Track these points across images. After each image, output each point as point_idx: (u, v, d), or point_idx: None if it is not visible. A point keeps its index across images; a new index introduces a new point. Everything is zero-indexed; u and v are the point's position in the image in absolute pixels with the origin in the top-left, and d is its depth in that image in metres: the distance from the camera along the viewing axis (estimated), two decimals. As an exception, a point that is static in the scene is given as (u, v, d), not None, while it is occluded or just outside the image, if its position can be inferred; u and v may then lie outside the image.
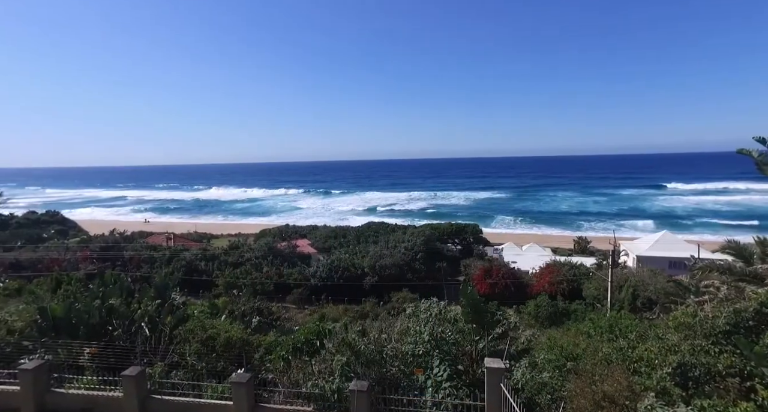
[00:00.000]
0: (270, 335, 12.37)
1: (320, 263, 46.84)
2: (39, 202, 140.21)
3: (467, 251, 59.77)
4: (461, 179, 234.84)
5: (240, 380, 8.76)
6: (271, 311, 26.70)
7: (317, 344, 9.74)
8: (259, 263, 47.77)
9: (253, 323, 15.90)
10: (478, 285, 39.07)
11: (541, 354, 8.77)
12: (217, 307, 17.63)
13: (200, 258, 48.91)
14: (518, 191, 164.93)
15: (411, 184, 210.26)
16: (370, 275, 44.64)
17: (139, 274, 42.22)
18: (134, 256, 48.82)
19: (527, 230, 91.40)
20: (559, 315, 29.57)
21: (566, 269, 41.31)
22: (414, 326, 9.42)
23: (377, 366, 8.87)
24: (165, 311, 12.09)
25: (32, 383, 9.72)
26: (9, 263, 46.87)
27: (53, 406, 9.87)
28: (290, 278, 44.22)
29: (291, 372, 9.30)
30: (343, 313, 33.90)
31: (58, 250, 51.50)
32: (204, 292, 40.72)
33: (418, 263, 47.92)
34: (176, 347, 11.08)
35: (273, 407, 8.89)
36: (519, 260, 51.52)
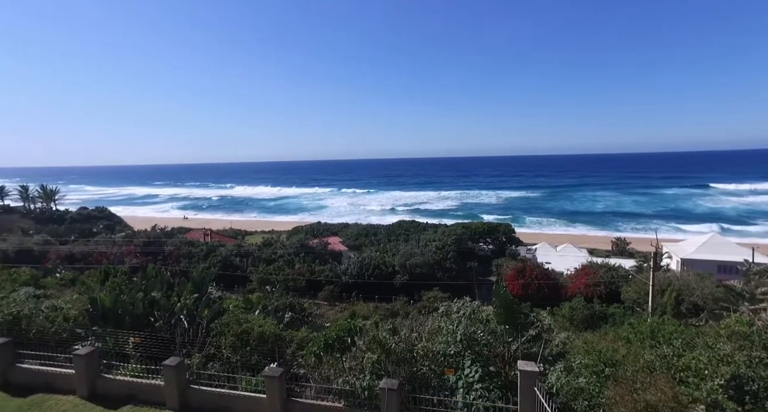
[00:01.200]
0: (302, 331, 12.57)
1: (351, 261, 47.23)
2: (82, 200, 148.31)
3: (499, 251, 58.70)
4: (493, 178, 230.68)
5: (273, 374, 8.96)
6: (303, 307, 27.14)
7: (348, 341, 9.81)
8: (292, 260, 48.71)
9: (285, 318, 16.21)
10: (510, 285, 38.29)
11: (578, 358, 8.45)
12: (251, 302, 18.14)
13: (235, 254, 50.40)
14: (553, 190, 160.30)
15: (441, 183, 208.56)
16: (401, 273, 44.61)
17: (178, 268, 44.01)
18: (174, 251, 50.90)
19: (562, 230, 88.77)
20: (596, 319, 28.52)
21: (603, 270, 39.78)
22: (446, 326, 9.33)
23: (408, 365, 8.84)
24: (202, 304, 12.53)
25: (85, 367, 10.34)
26: (65, 255, 50.02)
27: (103, 390, 10.46)
28: (322, 274, 44.83)
29: (322, 368, 9.42)
30: (373, 311, 34.05)
31: (106, 244, 54.44)
32: (239, 287, 41.94)
33: (449, 262, 47.45)
34: (213, 339, 11.45)
35: (305, 401, 9.04)
36: (553, 261, 50.09)
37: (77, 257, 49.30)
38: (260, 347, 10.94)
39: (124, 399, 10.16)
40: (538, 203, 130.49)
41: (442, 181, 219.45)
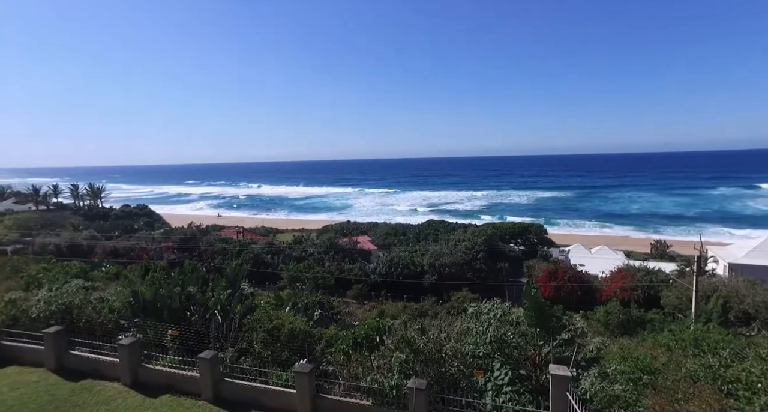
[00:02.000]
0: (331, 329, 12.74)
1: (380, 260, 47.39)
2: (122, 198, 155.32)
3: (531, 252, 57.43)
4: (525, 178, 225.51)
5: (302, 370, 9.13)
6: (332, 305, 27.49)
7: (377, 339, 9.86)
8: (321, 258, 49.36)
9: (315, 316, 16.45)
10: (542, 287, 37.37)
11: (613, 364, 8.15)
12: (281, 299, 18.51)
13: (267, 251, 51.60)
14: (587, 191, 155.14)
15: (471, 183, 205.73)
16: (430, 273, 44.39)
17: (213, 264, 45.51)
18: (208, 248, 52.66)
19: (596, 232, 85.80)
20: (633, 324, 27.40)
21: (641, 274, 38.15)
22: (475, 327, 9.22)
23: (436, 365, 8.80)
24: (235, 300, 12.91)
25: (128, 357, 10.90)
26: (110, 250, 52.77)
27: (144, 379, 10.99)
28: (351, 273, 45.21)
29: (351, 366, 9.51)
30: (402, 310, 34.05)
31: (146, 240, 56.99)
32: (270, 284, 42.92)
33: (479, 263, 46.80)
34: (245, 334, 11.78)
35: (333, 398, 9.16)
36: (587, 263, 48.49)
37: (121, 252, 51.87)
38: (290, 343, 11.15)
39: (163, 388, 10.63)
40: (571, 204, 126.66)
41: (472, 181, 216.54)
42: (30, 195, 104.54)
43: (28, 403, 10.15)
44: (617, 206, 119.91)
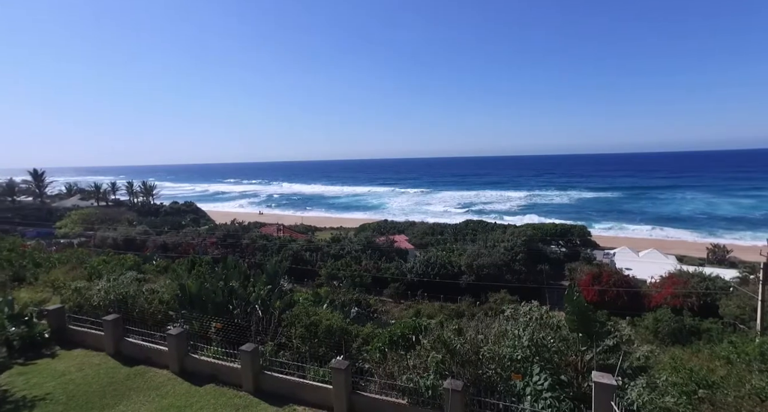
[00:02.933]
0: (367, 327, 12.81)
1: (417, 259, 47.27)
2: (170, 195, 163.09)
3: (573, 254, 55.34)
4: (568, 178, 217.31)
5: (339, 367, 9.26)
6: (368, 303, 27.67)
7: (413, 339, 9.84)
8: (359, 256, 49.85)
9: (351, 313, 16.62)
10: (584, 291, 35.91)
11: (663, 375, 7.68)
12: (319, 295, 18.83)
13: (306, 249, 52.73)
14: (636, 191, 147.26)
15: (511, 183, 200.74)
16: (467, 273, 43.78)
17: (254, 260, 47.04)
18: (250, 244, 54.51)
19: (645, 234, 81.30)
20: (686, 333, 25.76)
21: (696, 280, 35.77)
22: (513, 329, 9.00)
23: (473, 367, 8.67)
24: (275, 295, 13.28)
25: (176, 346, 11.51)
26: (160, 244, 55.84)
27: (191, 368, 11.56)
28: (387, 272, 45.38)
29: (386, 364, 9.55)
30: (438, 310, 33.81)
31: (192, 235, 59.80)
32: (308, 281, 43.85)
33: (518, 264, 45.63)
34: (284, 329, 12.09)
35: (369, 395, 9.23)
36: (634, 267, 46.10)
37: (170, 246, 54.75)
38: (327, 339, 11.34)
39: (207, 378, 11.13)
40: (617, 205, 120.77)
41: (511, 181, 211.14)
42: (92, 192, 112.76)
43: (91, 383, 11.06)
44: (669, 207, 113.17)
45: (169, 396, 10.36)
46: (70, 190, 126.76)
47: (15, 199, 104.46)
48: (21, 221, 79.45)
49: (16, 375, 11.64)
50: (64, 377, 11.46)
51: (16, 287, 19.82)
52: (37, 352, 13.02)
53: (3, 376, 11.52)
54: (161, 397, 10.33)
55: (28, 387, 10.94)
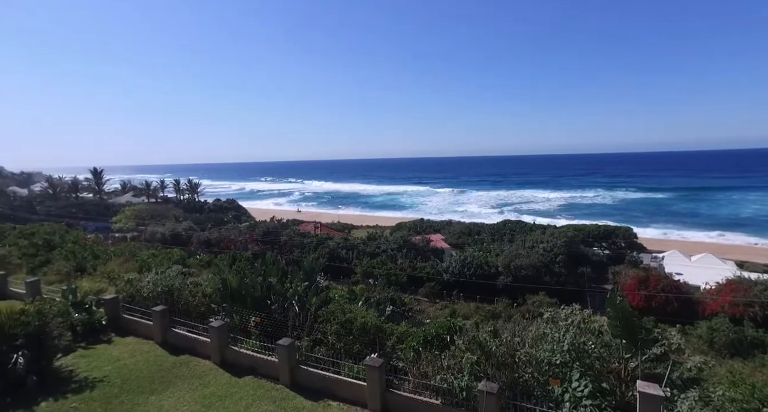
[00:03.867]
0: (402, 325, 12.82)
1: (453, 259, 46.79)
2: (212, 193, 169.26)
3: (617, 257, 52.89)
4: (612, 178, 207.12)
5: (373, 364, 9.33)
6: (403, 301, 27.68)
7: (447, 339, 9.76)
8: (394, 255, 49.95)
9: (386, 311, 16.69)
10: (629, 296, 34.23)
11: (719, 389, 7.17)
12: (354, 293, 19.08)
13: (342, 247, 53.41)
14: (689, 192, 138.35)
15: (551, 182, 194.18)
16: (504, 274, 42.87)
17: (291, 257, 48.18)
18: (288, 241, 55.89)
19: (699, 238, 76.28)
20: (747, 345, 23.88)
21: (759, 288, 33.14)
22: (551, 333, 8.73)
23: (508, 370, 8.49)
24: (311, 292, 13.56)
25: (217, 338, 12.01)
26: (203, 240, 58.39)
27: (231, 359, 12.03)
28: (423, 271, 45.20)
29: (420, 363, 9.52)
30: (474, 311, 33.30)
31: (233, 232, 62.05)
32: (344, 278, 44.41)
33: (558, 266, 44.15)
34: (319, 325, 12.32)
35: (402, 394, 9.24)
36: (686, 272, 43.43)
37: (212, 242, 57.07)
38: (362, 336, 11.45)
39: (246, 370, 11.54)
40: (666, 206, 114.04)
41: (551, 181, 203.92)
42: (143, 189, 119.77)
43: (142, 369, 11.81)
44: (726, 209, 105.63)
45: (211, 385, 10.83)
46: (125, 187, 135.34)
47: (78, 196, 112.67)
48: (83, 215, 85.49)
49: (79, 357, 12.61)
50: (119, 362, 12.28)
51: (78, 276, 21.41)
52: (96, 337, 14.03)
53: (69, 357, 12.52)
54: (204, 386, 10.82)
55: (89, 369, 11.82)
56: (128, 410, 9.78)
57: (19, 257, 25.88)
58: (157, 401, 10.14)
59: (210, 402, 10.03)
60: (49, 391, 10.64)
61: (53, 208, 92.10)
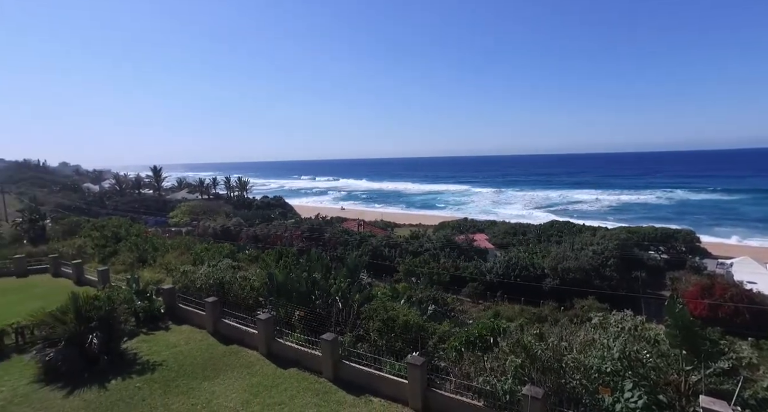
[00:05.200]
0: (444, 325, 12.74)
1: (497, 259, 45.74)
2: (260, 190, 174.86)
3: (677, 262, 49.37)
4: (671, 178, 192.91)
5: (415, 362, 9.34)
6: (446, 301, 27.37)
7: (491, 340, 9.59)
8: (437, 254, 49.53)
9: (428, 310, 16.61)
10: (690, 304, 31.87)
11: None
12: (397, 291, 19.12)
13: (385, 245, 53.63)
14: (763, 194, 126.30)
15: (602, 182, 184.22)
16: (551, 277, 41.34)
17: (335, 254, 49.03)
18: (332, 238, 56.89)
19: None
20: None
21: None
22: (601, 339, 8.34)
23: (554, 375, 8.21)
24: (354, 289, 13.77)
25: (264, 330, 12.50)
26: (252, 235, 60.79)
27: (276, 351, 12.47)
28: (466, 271, 44.53)
29: (463, 364, 9.42)
30: (518, 313, 32.38)
31: (280, 228, 64.05)
32: (386, 276, 44.60)
33: (609, 270, 41.94)
34: (362, 322, 12.49)
35: (444, 393, 9.18)
36: (760, 281, 39.77)
37: (260, 237, 59.26)
38: (404, 334, 11.48)
39: (291, 362, 11.93)
40: (733, 208, 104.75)
41: (603, 181, 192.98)
42: (197, 186, 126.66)
43: (196, 356, 12.57)
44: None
45: (258, 375, 11.30)
46: (180, 184, 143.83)
47: (140, 192, 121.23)
48: (144, 210, 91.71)
49: (141, 342, 13.64)
50: (176, 348, 13.12)
51: (140, 267, 23.03)
52: (156, 324, 15.07)
53: (133, 341, 13.58)
54: (251, 375, 11.31)
55: (150, 353, 12.76)
56: (184, 393, 10.42)
57: (92, 247, 28.27)
58: (210, 386, 10.72)
59: (257, 391, 10.47)
60: (118, 370, 11.61)
61: (119, 203, 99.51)
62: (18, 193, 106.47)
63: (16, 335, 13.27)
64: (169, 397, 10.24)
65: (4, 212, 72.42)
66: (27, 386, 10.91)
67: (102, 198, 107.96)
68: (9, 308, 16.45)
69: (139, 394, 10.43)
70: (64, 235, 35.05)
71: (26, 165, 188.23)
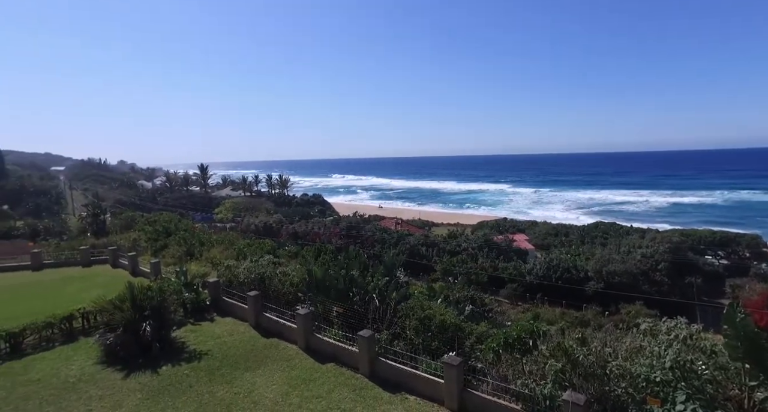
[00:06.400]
0: (482, 326, 12.55)
1: (538, 261, 44.49)
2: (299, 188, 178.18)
3: (739, 268, 45.99)
4: (732, 178, 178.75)
5: (451, 362, 9.27)
6: (483, 302, 26.92)
7: (529, 343, 9.35)
8: (475, 254, 48.87)
9: (465, 310, 16.43)
10: (756, 314, 29.52)
11: None
12: (434, 290, 19.02)
13: (422, 243, 53.50)
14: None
15: (653, 183, 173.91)
16: (595, 280, 39.71)
17: (373, 252, 49.39)
18: (369, 236, 57.40)
19: None
20: None
21: None
22: (649, 347, 7.93)
23: (598, 382, 7.90)
24: (391, 287, 13.84)
25: (303, 325, 12.82)
26: (291, 232, 62.43)
27: (314, 346, 12.77)
28: (505, 272, 43.63)
29: (500, 366, 9.26)
30: (559, 316, 31.37)
31: (319, 225, 65.36)
32: (423, 275, 44.47)
33: (660, 275, 39.74)
34: (398, 320, 12.54)
35: (480, 395, 9.06)
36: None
37: (299, 234, 60.71)
38: (440, 334, 11.42)
39: (329, 357, 12.17)
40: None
41: (653, 181, 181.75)
42: (240, 184, 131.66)
43: (238, 346, 13.13)
44: None
45: (296, 368, 11.63)
46: (225, 182, 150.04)
47: (188, 189, 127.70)
48: (191, 206, 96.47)
49: (188, 331, 14.40)
50: (220, 339, 13.75)
51: (188, 260, 24.27)
52: (201, 315, 15.84)
53: (181, 331, 14.37)
54: (290, 368, 11.65)
55: (197, 343, 13.45)
56: (228, 382, 10.90)
57: (146, 240, 30.12)
58: (251, 377, 11.15)
59: (296, 384, 10.77)
60: (168, 357, 12.33)
61: (169, 199, 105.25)
62: (83, 189, 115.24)
63: (82, 320, 14.43)
64: (213, 385, 10.75)
65: (72, 206, 78.43)
66: (92, 367, 11.84)
67: (154, 194, 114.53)
68: (76, 295, 17.90)
69: (187, 380, 11.01)
70: (121, 228, 37.56)
71: (90, 163, 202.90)
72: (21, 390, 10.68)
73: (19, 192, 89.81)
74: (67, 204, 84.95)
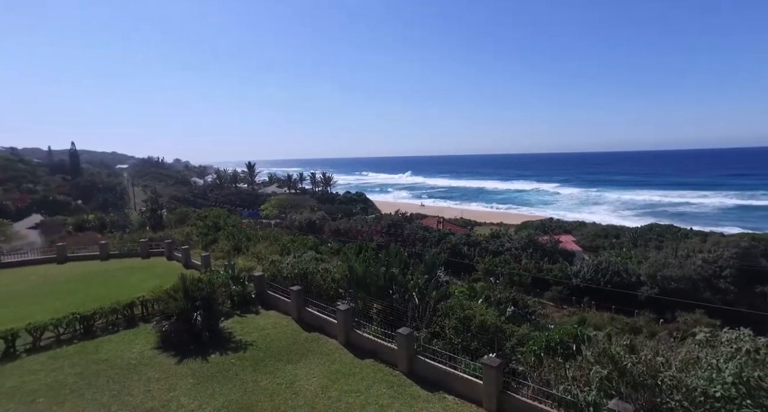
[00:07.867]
0: (523, 328, 12.24)
1: (585, 263, 42.57)
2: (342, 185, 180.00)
3: (817, 277, 41.63)
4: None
5: (491, 364, 9.13)
6: (526, 303, 26.23)
7: (573, 348, 9.02)
8: (519, 255, 47.55)
9: (507, 312, 16.09)
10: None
11: None
12: (475, 290, 18.77)
13: (464, 243, 52.73)
14: None
15: (712, 182, 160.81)
16: (648, 285, 37.45)
17: (413, 250, 49.34)
18: (411, 234, 57.32)
19: None
20: None
21: None
22: (708, 358, 7.41)
23: (648, 392, 7.51)
24: (431, 286, 13.80)
25: (343, 320, 13.09)
26: (334, 229, 63.63)
27: (354, 341, 13.01)
28: (550, 273, 42.16)
29: (542, 370, 9.01)
30: (608, 321, 29.92)
31: (361, 223, 66.11)
32: (464, 274, 43.86)
33: (724, 282, 36.77)
34: (438, 319, 12.50)
35: (520, 398, 8.87)
36: None
37: (342, 231, 61.71)
38: (480, 334, 11.27)
39: (368, 353, 12.35)
40: None
41: (712, 180, 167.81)
42: (285, 181, 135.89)
43: (282, 339, 13.64)
44: None
45: (336, 363, 11.90)
46: (271, 179, 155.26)
47: (237, 186, 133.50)
48: (239, 202, 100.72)
49: (236, 323, 15.12)
50: (264, 331, 14.32)
51: (235, 254, 25.42)
52: (247, 308, 16.56)
53: (228, 321, 15.12)
54: (330, 362, 11.94)
55: (243, 334, 14.10)
56: (271, 372, 11.36)
57: (197, 235, 31.86)
58: (293, 369, 11.54)
59: (336, 377, 11.04)
60: (216, 346, 13.04)
61: (219, 195, 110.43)
62: (143, 186, 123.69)
63: (141, 307, 15.56)
64: (258, 375, 11.23)
65: (134, 201, 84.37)
66: (150, 351, 12.76)
67: (205, 191, 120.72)
68: (137, 285, 19.35)
69: (233, 369, 11.58)
70: (176, 223, 39.99)
71: (149, 162, 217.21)
72: (93, 368, 11.76)
73: (90, 188, 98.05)
74: (130, 199, 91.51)
